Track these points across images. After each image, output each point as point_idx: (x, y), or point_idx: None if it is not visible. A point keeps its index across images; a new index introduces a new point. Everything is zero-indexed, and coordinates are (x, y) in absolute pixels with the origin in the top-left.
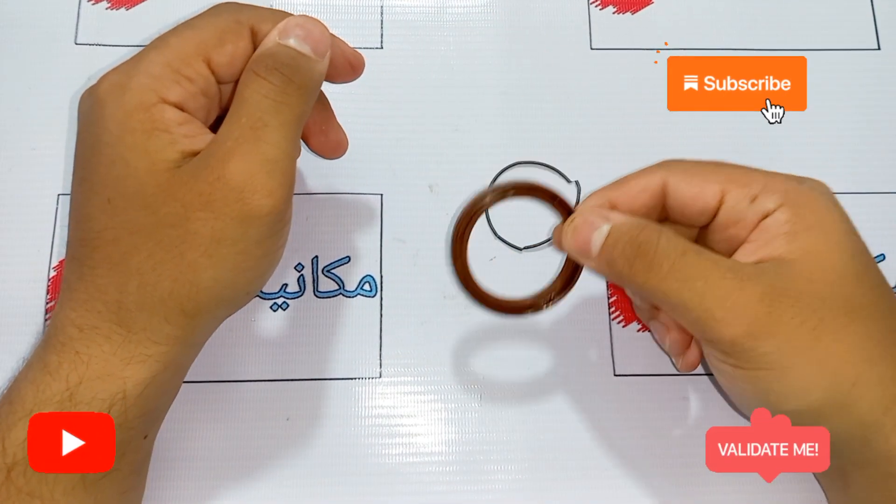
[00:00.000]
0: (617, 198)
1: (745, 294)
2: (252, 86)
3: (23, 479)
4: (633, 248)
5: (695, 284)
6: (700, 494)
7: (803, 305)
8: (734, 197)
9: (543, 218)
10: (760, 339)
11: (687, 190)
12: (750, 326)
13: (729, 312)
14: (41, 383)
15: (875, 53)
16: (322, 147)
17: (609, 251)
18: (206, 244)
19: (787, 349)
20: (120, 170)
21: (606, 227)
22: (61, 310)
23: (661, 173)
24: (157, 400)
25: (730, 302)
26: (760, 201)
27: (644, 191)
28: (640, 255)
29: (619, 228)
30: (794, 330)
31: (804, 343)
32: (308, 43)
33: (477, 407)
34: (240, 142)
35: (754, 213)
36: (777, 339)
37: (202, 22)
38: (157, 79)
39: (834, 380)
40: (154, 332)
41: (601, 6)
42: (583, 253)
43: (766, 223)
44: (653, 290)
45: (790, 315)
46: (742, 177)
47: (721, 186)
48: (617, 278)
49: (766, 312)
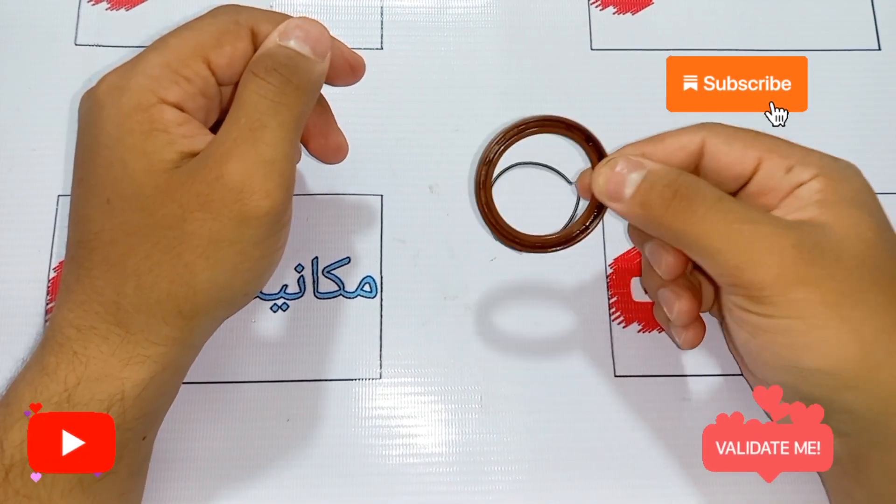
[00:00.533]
0: (653, 152)
1: (780, 239)
2: (251, 86)
3: (20, 481)
4: (672, 191)
5: (731, 226)
6: (700, 495)
7: (839, 263)
8: (771, 165)
9: (543, 218)
10: (793, 286)
11: (727, 153)
12: (784, 270)
13: (764, 255)
14: (39, 384)
15: (875, 53)
16: (322, 151)
17: (645, 193)
18: (204, 245)
19: (818, 300)
20: (118, 171)
21: (641, 172)
22: (59, 311)
23: (703, 134)
24: (155, 401)
25: (766, 244)
26: (796, 171)
27: (682, 149)
28: (679, 196)
29: (657, 173)
30: (826, 283)
31: (836, 298)
32: (308, 44)
33: (477, 408)
34: (238, 142)
35: (789, 183)
36: (809, 288)
37: (201, 23)
38: (156, 79)
39: (860, 342)
40: (152, 333)
41: (601, 7)
42: (614, 195)
43: (800, 191)
44: (686, 233)
45: (821, 267)
46: (781, 147)
47: (760, 154)
48: (648, 221)
49: (801, 260)
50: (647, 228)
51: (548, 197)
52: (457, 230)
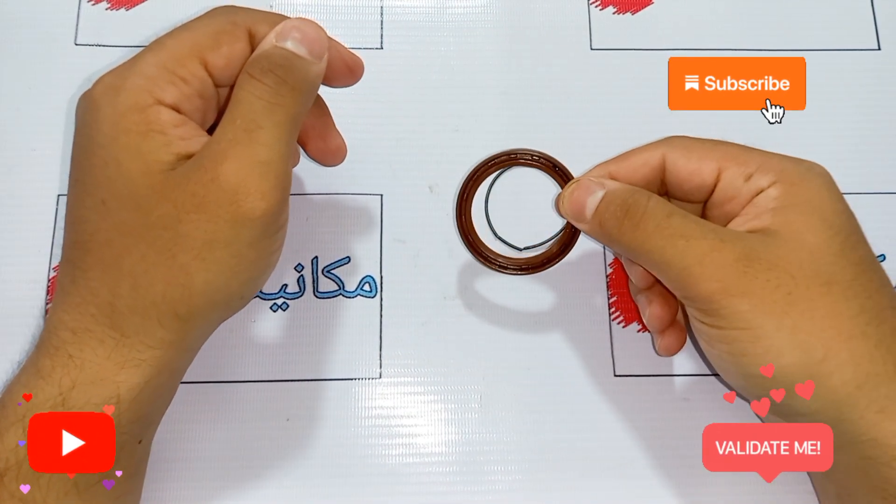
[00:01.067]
0: (617, 171)
1: (722, 253)
2: (247, 87)
3: (15, 485)
4: (623, 209)
5: (677, 242)
6: (700, 495)
7: (779, 272)
8: (730, 174)
9: (544, 218)
10: (735, 297)
11: (685, 166)
12: (724, 283)
13: (706, 269)
14: (34, 387)
15: (875, 53)
16: (320, 153)
17: (601, 213)
18: (199, 247)
19: (760, 310)
20: (113, 171)
21: (601, 192)
22: (55, 312)
23: (662, 149)
24: (151, 404)
25: (708, 259)
26: (755, 179)
27: (644, 165)
28: (629, 215)
29: (613, 192)
30: (767, 293)
31: (777, 307)
32: (304, 45)
33: (477, 407)
34: (233, 143)
35: (748, 190)
36: (750, 298)
37: (198, 24)
38: (152, 80)
39: (804, 349)
40: (147, 336)
41: (601, 6)
42: (578, 216)
43: (758, 199)
44: (638, 248)
45: (765, 278)
46: (739, 155)
47: (718, 164)
48: (607, 239)
49: (741, 272)
50: (608, 245)
51: (547, 197)
52: (457, 230)
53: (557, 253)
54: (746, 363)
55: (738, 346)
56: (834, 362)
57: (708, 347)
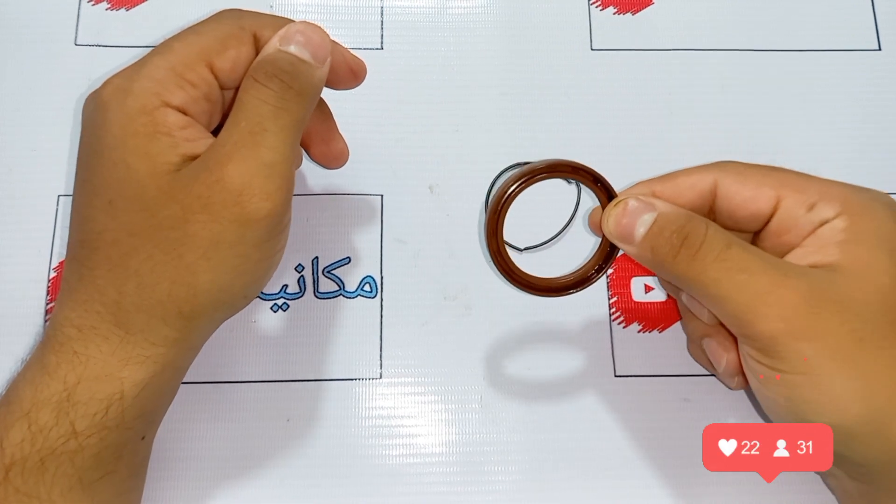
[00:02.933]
0: (662, 191)
1: (788, 291)
2: (251, 91)
3: (20, 480)
4: (680, 237)
5: (738, 276)
6: (700, 495)
7: (850, 313)
8: (790, 203)
9: (543, 218)
10: (800, 340)
11: (739, 192)
12: (790, 324)
13: (771, 308)
14: (39, 383)
15: (875, 54)
16: (323, 156)
17: (654, 238)
18: (205, 247)
19: (827, 354)
20: (121, 172)
21: (651, 215)
22: (60, 310)
23: (715, 173)
24: (154, 401)
25: (772, 297)
26: (819, 209)
27: (692, 188)
28: (686, 244)
29: (667, 217)
30: (837, 336)
31: (846, 352)
32: (308, 49)
33: (477, 408)
34: (239, 146)
35: (810, 222)
36: (818, 342)
37: (205, 28)
38: (161, 83)
39: (872, 399)
40: (152, 334)
41: (601, 7)
42: (625, 238)
43: (822, 230)
44: (694, 280)
45: (835, 320)
46: (799, 183)
47: (776, 192)
48: (658, 266)
49: (809, 312)
50: (657, 271)
51: (547, 197)
52: (457, 230)
53: (593, 274)
54: (805, 410)
55: (797, 392)
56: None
57: (762, 389)
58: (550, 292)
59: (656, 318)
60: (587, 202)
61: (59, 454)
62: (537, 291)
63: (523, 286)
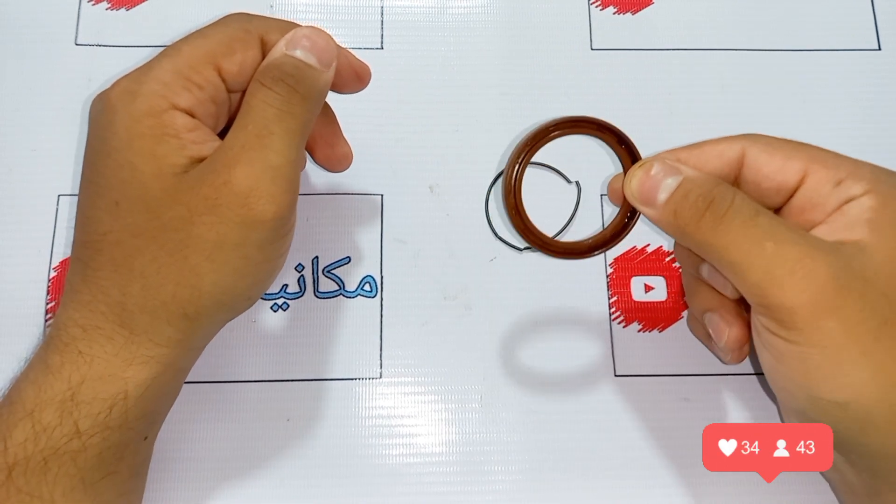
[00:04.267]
0: (688, 158)
1: (816, 263)
2: (258, 95)
3: (23, 479)
4: (705, 202)
5: (764, 244)
6: (700, 495)
7: (877, 293)
8: (818, 178)
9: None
10: (823, 314)
11: (768, 163)
12: (815, 297)
13: (797, 278)
14: (43, 383)
15: (875, 53)
16: (327, 160)
17: (678, 201)
18: (210, 248)
19: (848, 332)
20: (127, 173)
21: (676, 179)
22: (64, 310)
23: (743, 143)
24: (157, 402)
25: (799, 267)
26: (846, 186)
27: (719, 157)
28: (712, 209)
29: (693, 180)
30: (860, 315)
31: (869, 333)
32: (314, 54)
33: (477, 407)
34: (245, 149)
35: (837, 198)
36: (841, 318)
37: (213, 31)
38: (168, 85)
39: (884, 381)
40: (155, 334)
41: (601, 6)
42: (647, 200)
43: (849, 207)
44: (716, 246)
45: (861, 298)
46: (828, 158)
47: (805, 165)
48: (680, 231)
49: (835, 287)
50: (677, 237)
51: (548, 197)
52: (457, 230)
53: (609, 239)
54: (820, 386)
55: (808, 365)
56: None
57: (774, 362)
58: (567, 254)
59: (656, 318)
60: (588, 202)
61: (62, 454)
62: (554, 253)
63: (540, 246)
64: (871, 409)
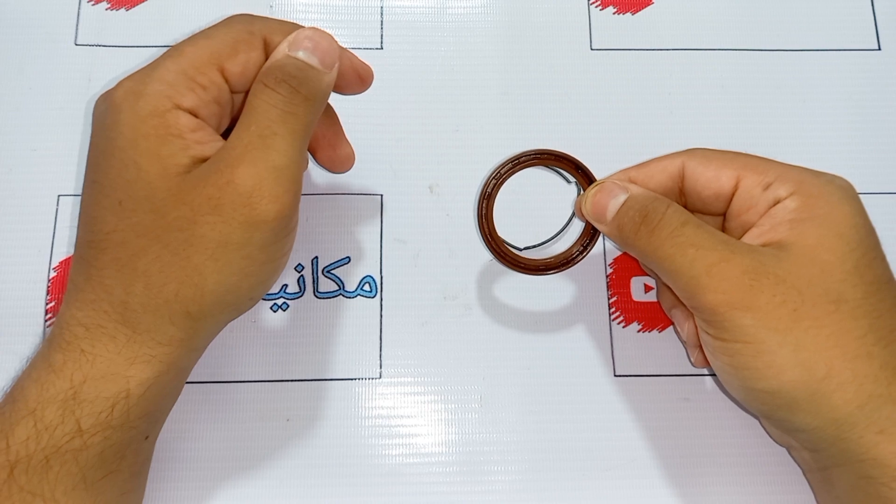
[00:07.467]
0: (636, 176)
1: (730, 265)
2: (261, 96)
3: (25, 478)
4: (641, 215)
5: (687, 251)
6: (700, 495)
7: (787, 287)
8: (749, 183)
9: (543, 218)
10: (739, 311)
11: (703, 173)
12: (729, 296)
13: (713, 280)
14: (45, 381)
15: (875, 53)
16: (330, 161)
17: (621, 216)
18: (213, 248)
19: (764, 325)
20: (131, 173)
21: (623, 196)
22: (67, 309)
23: (682, 157)
24: (159, 401)
25: (715, 270)
26: (773, 189)
27: (662, 171)
28: (646, 221)
29: (635, 198)
30: (773, 308)
31: (782, 323)
32: (316, 55)
33: (477, 408)
34: (249, 149)
35: (766, 200)
36: (755, 313)
37: (216, 32)
38: (172, 86)
39: (806, 367)
40: (158, 334)
41: (601, 6)
42: (599, 217)
43: (775, 209)
44: (651, 254)
45: (771, 293)
46: (758, 165)
47: (737, 172)
48: (623, 242)
49: (747, 286)
50: (626, 248)
51: (547, 197)
52: (457, 230)
53: (578, 253)
54: (748, 377)
55: (740, 360)
56: (836, 381)
57: (712, 358)
58: (538, 271)
59: (656, 318)
60: None
61: (63, 452)
62: (526, 270)
63: (514, 266)
64: (794, 392)
